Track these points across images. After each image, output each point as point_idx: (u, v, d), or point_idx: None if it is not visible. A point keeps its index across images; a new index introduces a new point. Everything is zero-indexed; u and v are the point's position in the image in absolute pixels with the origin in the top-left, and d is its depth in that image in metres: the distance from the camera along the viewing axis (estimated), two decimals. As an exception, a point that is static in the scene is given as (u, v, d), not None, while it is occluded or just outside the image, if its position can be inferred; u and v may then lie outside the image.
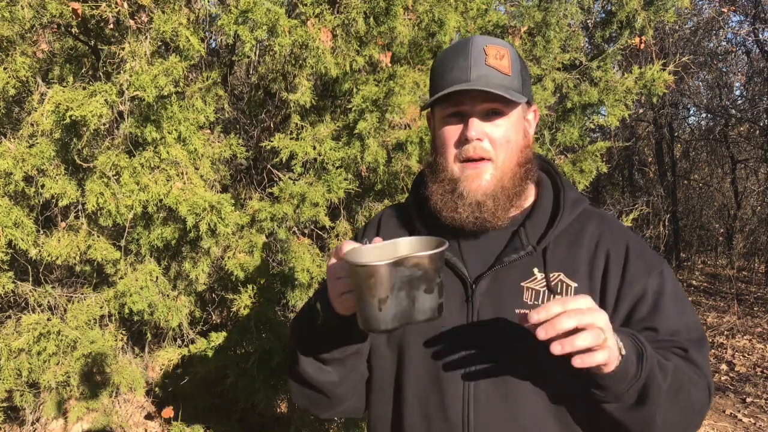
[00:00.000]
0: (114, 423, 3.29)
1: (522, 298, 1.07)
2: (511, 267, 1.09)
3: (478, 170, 1.08)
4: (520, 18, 3.29)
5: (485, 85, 1.04)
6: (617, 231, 1.14)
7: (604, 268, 1.09)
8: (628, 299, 1.07)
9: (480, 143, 1.07)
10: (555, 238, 1.11)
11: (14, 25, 2.35)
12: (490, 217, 1.08)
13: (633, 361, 0.91)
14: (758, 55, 8.51)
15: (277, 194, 2.65)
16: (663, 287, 1.08)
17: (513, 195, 1.10)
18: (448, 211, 1.10)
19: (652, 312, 1.07)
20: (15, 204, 2.40)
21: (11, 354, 2.52)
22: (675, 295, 1.09)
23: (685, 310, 1.10)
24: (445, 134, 1.11)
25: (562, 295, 1.06)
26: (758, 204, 9.60)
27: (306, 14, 2.43)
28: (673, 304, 1.08)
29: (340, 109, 2.96)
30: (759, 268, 9.19)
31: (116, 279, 2.64)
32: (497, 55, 1.07)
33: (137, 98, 2.27)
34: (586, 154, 3.21)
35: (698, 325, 1.11)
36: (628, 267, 1.08)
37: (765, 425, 4.11)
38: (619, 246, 1.11)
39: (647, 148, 10.36)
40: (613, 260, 1.09)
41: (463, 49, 1.09)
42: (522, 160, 1.11)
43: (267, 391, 2.76)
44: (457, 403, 1.06)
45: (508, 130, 1.08)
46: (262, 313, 2.72)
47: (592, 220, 1.14)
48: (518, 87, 1.09)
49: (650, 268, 1.09)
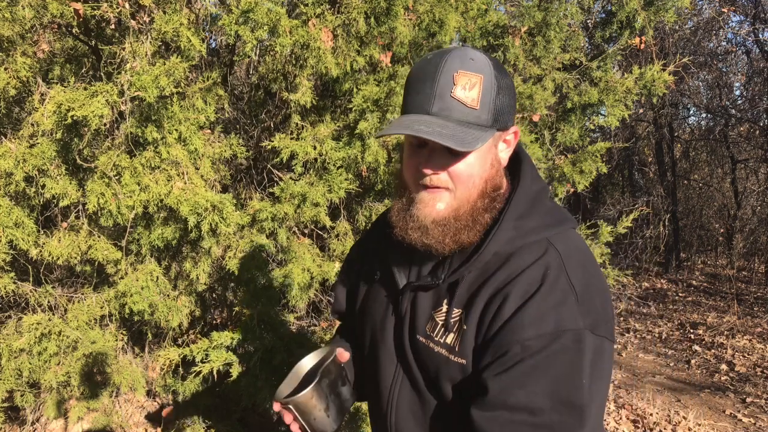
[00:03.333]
0: (114, 423, 3.29)
1: (425, 326, 1.09)
2: (430, 292, 1.10)
3: (433, 196, 1.04)
4: (520, 18, 3.30)
5: (443, 123, 0.98)
6: (554, 273, 0.98)
7: (495, 312, 0.99)
8: (493, 349, 0.98)
9: (437, 176, 1.03)
10: (477, 271, 1.05)
11: (15, 25, 2.35)
12: (436, 244, 1.04)
13: None
14: (758, 55, 8.51)
15: (278, 194, 2.65)
16: (544, 350, 0.93)
17: (467, 224, 1.04)
18: (398, 229, 1.08)
19: (501, 371, 0.96)
20: (16, 204, 2.40)
21: (12, 354, 2.53)
22: (559, 366, 0.93)
23: (565, 387, 0.92)
24: (407, 159, 1.08)
25: (456, 335, 1.03)
26: (758, 204, 9.61)
27: (307, 14, 2.44)
28: (545, 375, 0.93)
29: (341, 109, 2.96)
30: (759, 268, 9.19)
31: (117, 279, 2.64)
32: (467, 84, 1.00)
33: (138, 98, 2.27)
34: (586, 154, 3.21)
35: (573, 409, 0.93)
36: (518, 314, 0.96)
37: (765, 425, 4.11)
38: (527, 290, 0.97)
39: (647, 148, 10.37)
40: (508, 306, 0.97)
41: (434, 71, 1.01)
42: (487, 188, 1.05)
43: (269, 390, 2.77)
44: (385, 405, 1.16)
45: (471, 164, 1.02)
46: (264, 312, 2.72)
47: (532, 254, 1.02)
48: (486, 120, 1.01)
49: (547, 326, 0.94)
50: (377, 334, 1.18)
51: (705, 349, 5.71)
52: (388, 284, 1.18)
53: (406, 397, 1.13)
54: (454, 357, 1.03)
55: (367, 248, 1.31)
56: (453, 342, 1.04)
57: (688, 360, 5.44)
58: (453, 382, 1.05)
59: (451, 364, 1.04)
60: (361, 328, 1.25)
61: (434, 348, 1.06)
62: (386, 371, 1.15)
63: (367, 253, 1.30)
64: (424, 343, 1.08)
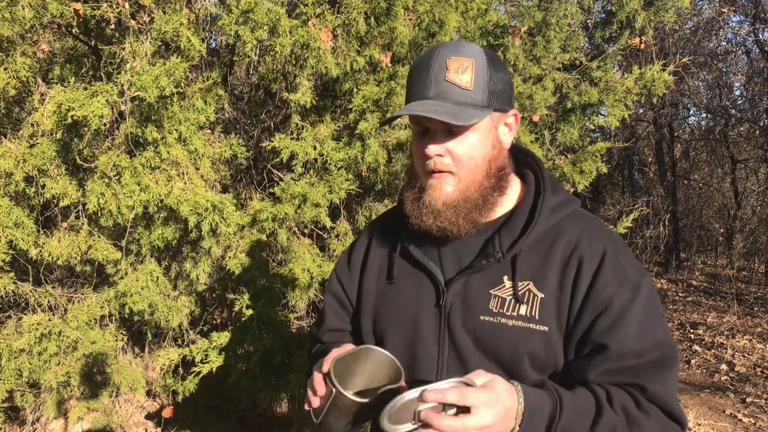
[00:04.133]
0: (114, 423, 3.29)
1: (488, 305, 1.09)
2: (482, 273, 1.11)
3: (440, 180, 1.10)
4: (520, 18, 3.30)
5: (440, 103, 1.05)
6: (597, 238, 1.10)
7: (575, 277, 1.07)
8: (590, 311, 1.05)
9: (441, 159, 1.08)
10: (528, 246, 1.10)
11: (15, 25, 2.35)
12: (450, 226, 1.09)
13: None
14: (758, 55, 8.51)
15: (279, 194, 2.65)
16: (632, 302, 1.04)
17: (480, 205, 1.10)
18: (414, 218, 1.13)
19: (610, 328, 1.04)
20: (15, 204, 2.40)
21: (12, 354, 2.52)
22: (644, 312, 1.05)
23: (654, 329, 1.05)
24: (414, 148, 1.14)
25: (529, 305, 1.07)
26: (758, 204, 9.61)
27: (307, 14, 2.44)
28: (639, 322, 1.04)
29: (341, 109, 2.96)
30: (759, 268, 9.19)
31: (117, 279, 2.64)
32: (459, 68, 1.06)
33: (138, 98, 2.27)
34: (586, 154, 3.21)
35: (666, 345, 1.06)
36: (598, 277, 1.06)
37: (765, 425, 4.11)
38: (594, 254, 1.08)
39: (647, 148, 10.37)
40: (586, 269, 1.06)
41: (427, 62, 1.08)
42: (491, 170, 1.11)
43: (269, 391, 2.77)
44: None
45: (471, 145, 1.08)
46: (264, 313, 2.72)
47: (574, 225, 1.12)
48: (481, 100, 1.07)
49: (623, 281, 1.05)
50: (409, 333, 1.16)
51: (705, 349, 5.71)
52: (416, 284, 1.17)
53: None
54: (535, 325, 1.06)
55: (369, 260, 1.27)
56: (528, 312, 1.06)
57: (688, 360, 5.44)
58: (533, 356, 1.06)
59: (532, 334, 1.05)
60: (380, 335, 1.21)
61: (508, 323, 1.06)
62: (426, 369, 1.13)
63: (370, 264, 1.27)
64: (492, 321, 1.07)
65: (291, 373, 2.80)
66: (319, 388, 1.05)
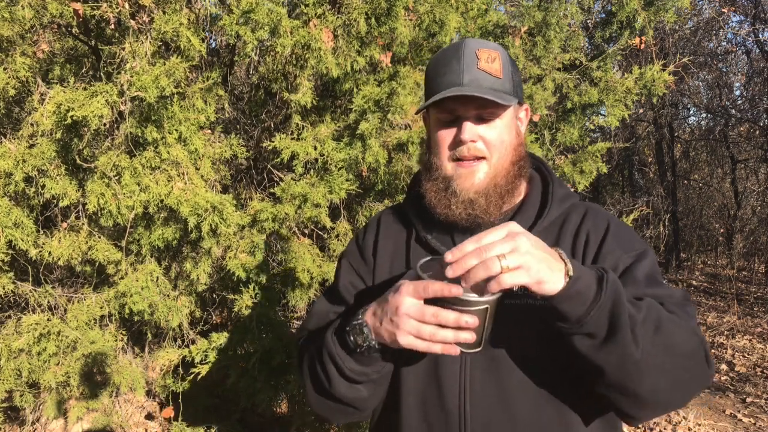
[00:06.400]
0: (114, 423, 3.29)
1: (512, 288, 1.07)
2: None
3: (471, 168, 1.12)
4: (520, 18, 3.30)
5: (477, 88, 1.08)
6: (601, 216, 1.17)
7: (584, 248, 1.12)
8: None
9: (474, 144, 1.11)
10: (542, 230, 1.14)
11: (14, 25, 2.35)
12: (482, 214, 1.12)
13: (589, 284, 0.90)
14: (758, 55, 8.51)
15: (279, 195, 2.65)
16: (637, 264, 1.08)
17: (506, 192, 1.14)
18: (441, 208, 1.14)
19: (623, 280, 1.04)
20: (15, 204, 2.39)
21: (11, 354, 2.52)
22: (650, 271, 1.08)
23: (659, 287, 1.06)
24: (440, 136, 1.15)
25: None
26: (758, 204, 9.61)
27: (307, 15, 2.44)
28: (644, 278, 1.06)
29: (341, 110, 2.95)
30: (759, 268, 9.20)
31: (117, 279, 2.64)
32: (489, 58, 1.11)
33: (138, 98, 2.27)
34: (586, 154, 3.21)
35: (679, 295, 1.06)
36: (603, 245, 1.11)
37: (765, 425, 4.11)
38: (599, 227, 1.13)
39: (647, 148, 10.37)
40: (592, 240, 1.12)
41: (455, 52, 1.12)
42: (515, 158, 1.15)
43: (268, 391, 2.76)
44: (454, 394, 1.09)
45: (501, 131, 1.12)
46: (263, 313, 2.72)
47: (577, 210, 1.18)
48: (509, 89, 1.12)
49: (627, 249, 1.10)
50: None
51: (705, 349, 5.71)
52: None
53: (480, 378, 1.08)
54: None
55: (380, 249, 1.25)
56: None
57: (688, 360, 5.44)
58: None
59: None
60: None
61: (536, 303, 1.03)
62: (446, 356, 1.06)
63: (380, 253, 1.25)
64: (519, 303, 1.05)
65: (290, 373, 2.80)
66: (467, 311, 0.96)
